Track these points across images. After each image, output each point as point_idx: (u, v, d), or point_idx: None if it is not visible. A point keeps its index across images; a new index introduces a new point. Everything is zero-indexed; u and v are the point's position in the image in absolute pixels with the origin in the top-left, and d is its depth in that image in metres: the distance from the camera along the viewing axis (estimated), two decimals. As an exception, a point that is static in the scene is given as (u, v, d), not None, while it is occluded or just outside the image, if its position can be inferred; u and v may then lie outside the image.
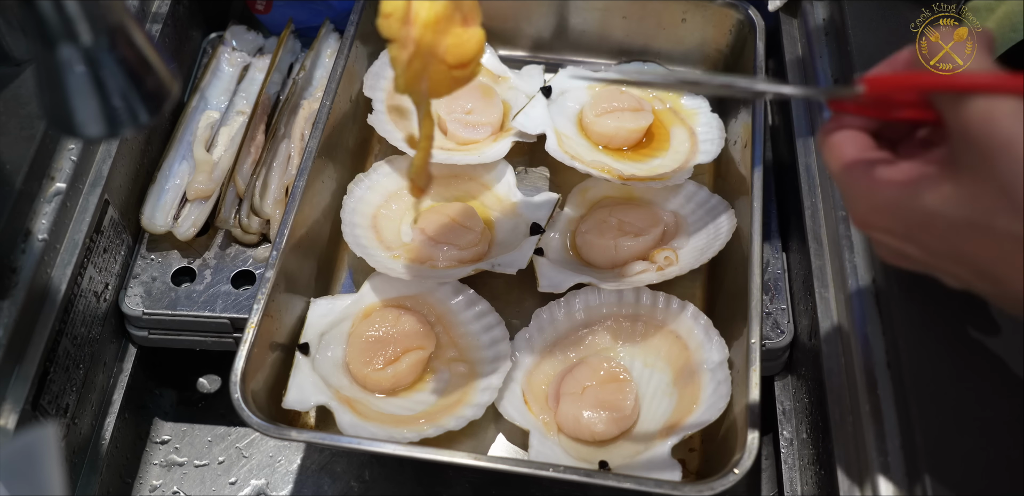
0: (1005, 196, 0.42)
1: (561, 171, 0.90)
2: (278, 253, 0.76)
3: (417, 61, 0.61)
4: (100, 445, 0.84)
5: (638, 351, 0.81)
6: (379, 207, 0.88)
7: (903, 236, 0.48)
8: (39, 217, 0.76)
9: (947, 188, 0.44)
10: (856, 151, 0.50)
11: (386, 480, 0.86)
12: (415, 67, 0.61)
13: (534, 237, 0.84)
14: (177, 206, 0.88)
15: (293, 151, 0.92)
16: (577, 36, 1.00)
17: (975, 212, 0.43)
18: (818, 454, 0.76)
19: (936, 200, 0.45)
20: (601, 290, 0.81)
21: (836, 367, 0.74)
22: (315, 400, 0.74)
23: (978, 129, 0.43)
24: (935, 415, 0.63)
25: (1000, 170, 0.42)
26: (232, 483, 0.87)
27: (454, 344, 0.81)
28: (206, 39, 1.03)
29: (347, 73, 0.88)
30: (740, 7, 0.93)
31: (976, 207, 0.43)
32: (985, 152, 0.43)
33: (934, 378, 0.64)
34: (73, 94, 0.45)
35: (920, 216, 0.46)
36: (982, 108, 0.43)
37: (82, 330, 0.80)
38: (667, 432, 0.74)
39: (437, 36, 0.61)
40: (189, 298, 0.85)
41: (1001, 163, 0.42)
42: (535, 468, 0.67)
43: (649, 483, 0.67)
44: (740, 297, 0.76)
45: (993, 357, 0.65)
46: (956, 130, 0.44)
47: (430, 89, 0.63)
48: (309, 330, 0.79)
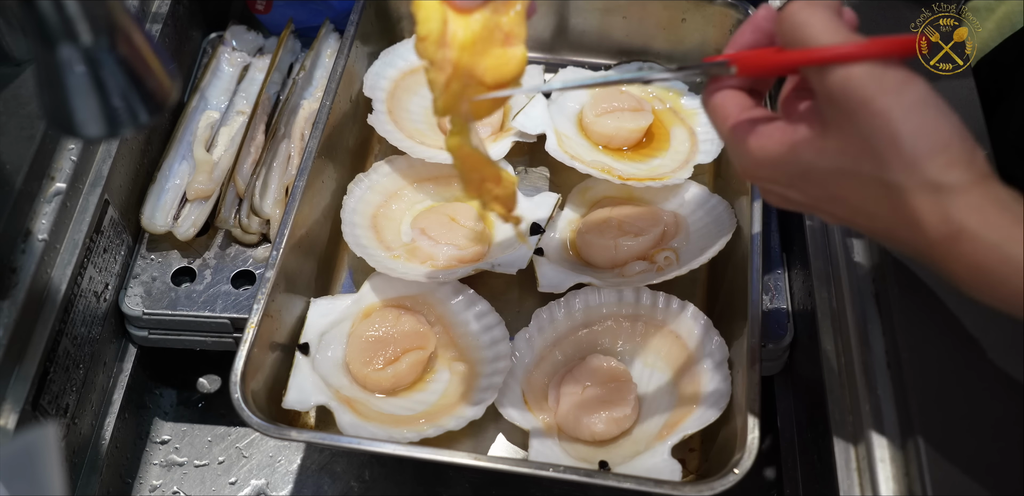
0: (867, 147, 0.50)
1: (561, 171, 0.90)
2: (278, 253, 0.76)
3: (455, 83, 0.59)
4: (100, 445, 0.84)
5: (638, 351, 0.81)
6: (379, 207, 0.88)
7: (786, 185, 0.55)
8: (39, 217, 0.76)
9: (820, 143, 0.52)
10: (738, 111, 0.56)
11: (386, 480, 0.86)
12: (453, 89, 0.59)
13: (534, 237, 0.84)
14: (177, 206, 0.88)
15: (293, 151, 0.92)
16: (577, 36, 1.00)
17: (845, 162, 0.51)
18: (818, 454, 0.76)
19: (812, 154, 0.52)
20: (601, 290, 0.81)
21: (836, 367, 0.74)
22: (315, 400, 0.74)
23: (839, 93, 0.50)
24: (935, 415, 0.63)
25: (860, 126, 0.49)
26: (232, 483, 0.87)
27: (454, 344, 0.81)
28: (206, 39, 1.03)
29: (347, 73, 0.88)
30: (740, 7, 0.93)
31: (845, 158, 0.51)
32: (847, 111, 0.50)
33: (934, 378, 0.64)
34: (73, 94, 0.45)
35: (799, 168, 0.53)
36: (840, 75, 0.50)
37: (82, 330, 0.80)
38: (667, 432, 0.74)
39: (475, 57, 0.59)
40: (189, 298, 0.85)
41: (860, 120, 0.49)
42: (535, 468, 0.67)
43: (649, 483, 0.67)
44: (740, 297, 0.76)
45: (993, 357, 0.65)
46: (822, 95, 0.51)
47: (472, 110, 0.61)
48: (309, 330, 0.79)
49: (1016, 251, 0.48)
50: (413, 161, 0.88)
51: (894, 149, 0.49)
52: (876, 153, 0.49)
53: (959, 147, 0.49)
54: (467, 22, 0.59)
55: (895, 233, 0.52)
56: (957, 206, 0.49)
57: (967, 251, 0.49)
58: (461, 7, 0.59)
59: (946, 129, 0.49)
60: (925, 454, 0.61)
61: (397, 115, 0.92)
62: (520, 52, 0.61)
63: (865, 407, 0.68)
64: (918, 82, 0.50)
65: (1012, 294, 0.49)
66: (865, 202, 0.52)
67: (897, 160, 0.49)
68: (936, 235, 0.50)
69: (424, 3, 0.59)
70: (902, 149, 0.49)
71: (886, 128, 0.49)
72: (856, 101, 0.49)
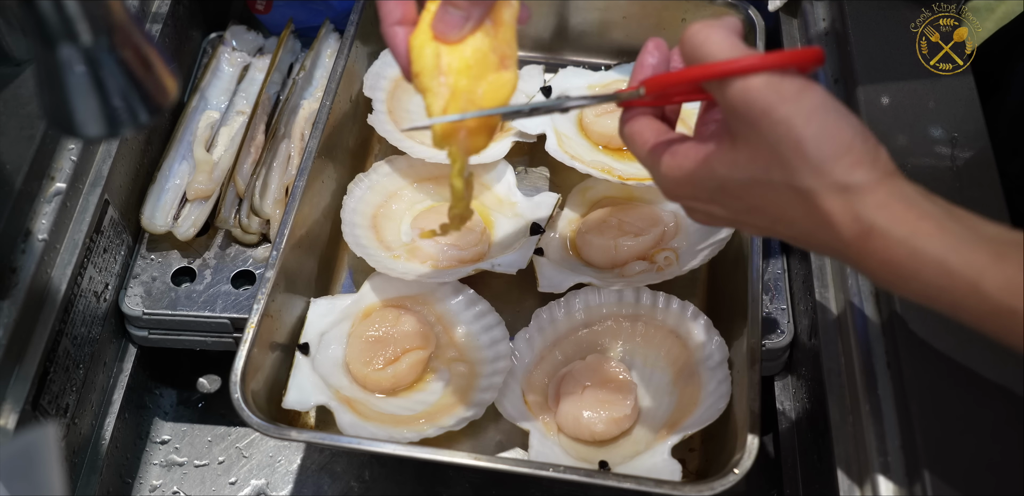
0: (775, 154, 0.51)
1: (561, 171, 0.90)
2: (278, 253, 0.76)
3: (453, 107, 0.59)
4: (100, 445, 0.84)
5: (638, 351, 0.81)
6: (379, 207, 0.88)
7: (707, 200, 0.57)
8: (39, 217, 0.76)
9: (731, 156, 0.53)
10: (654, 135, 0.58)
11: (386, 480, 0.86)
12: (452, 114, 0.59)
13: (534, 237, 0.84)
14: (177, 206, 0.88)
15: (293, 151, 0.92)
16: (577, 36, 1.00)
17: (756, 172, 0.52)
18: (818, 454, 0.76)
19: (725, 167, 0.53)
20: (601, 290, 0.81)
21: (836, 367, 0.74)
22: (315, 400, 0.74)
23: (740, 105, 0.51)
24: (935, 415, 0.63)
25: (765, 134, 0.51)
26: (232, 483, 0.87)
27: (454, 344, 0.81)
28: (206, 39, 1.03)
29: (347, 73, 0.88)
30: (740, 7, 0.93)
31: (756, 167, 0.52)
32: (750, 122, 0.51)
33: (934, 378, 0.64)
34: (73, 94, 0.45)
35: (716, 182, 0.55)
36: (739, 87, 0.51)
37: (82, 330, 0.80)
38: (667, 432, 0.74)
39: (472, 82, 0.60)
40: (189, 298, 0.85)
41: (764, 128, 0.51)
42: (535, 468, 0.67)
43: (649, 483, 0.67)
44: (740, 297, 0.76)
45: (993, 357, 0.64)
46: (726, 108, 0.53)
47: (469, 141, 0.60)
48: (309, 330, 0.79)
49: (923, 245, 0.49)
50: (413, 161, 0.88)
51: (799, 154, 0.50)
52: (784, 160, 0.51)
53: (861, 147, 0.51)
54: (459, 50, 0.60)
55: (814, 236, 0.53)
56: (865, 205, 0.50)
57: (878, 247, 0.50)
58: (449, 38, 0.60)
59: (847, 131, 0.51)
60: (925, 454, 0.61)
61: (397, 115, 0.92)
62: (513, 75, 0.62)
63: (865, 407, 0.68)
64: (815, 88, 0.51)
65: (923, 286, 0.50)
66: (782, 209, 0.53)
67: (804, 165, 0.50)
68: (849, 234, 0.51)
69: (414, 40, 0.60)
70: (807, 154, 0.50)
71: (789, 134, 0.50)
72: (757, 111, 0.51)
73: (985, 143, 0.75)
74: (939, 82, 0.79)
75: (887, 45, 0.82)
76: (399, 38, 0.62)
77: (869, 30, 0.83)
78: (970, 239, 0.49)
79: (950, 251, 0.49)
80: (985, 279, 0.48)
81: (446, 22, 0.59)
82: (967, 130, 0.76)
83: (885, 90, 0.79)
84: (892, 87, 0.78)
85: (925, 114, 0.77)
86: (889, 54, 0.81)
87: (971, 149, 0.75)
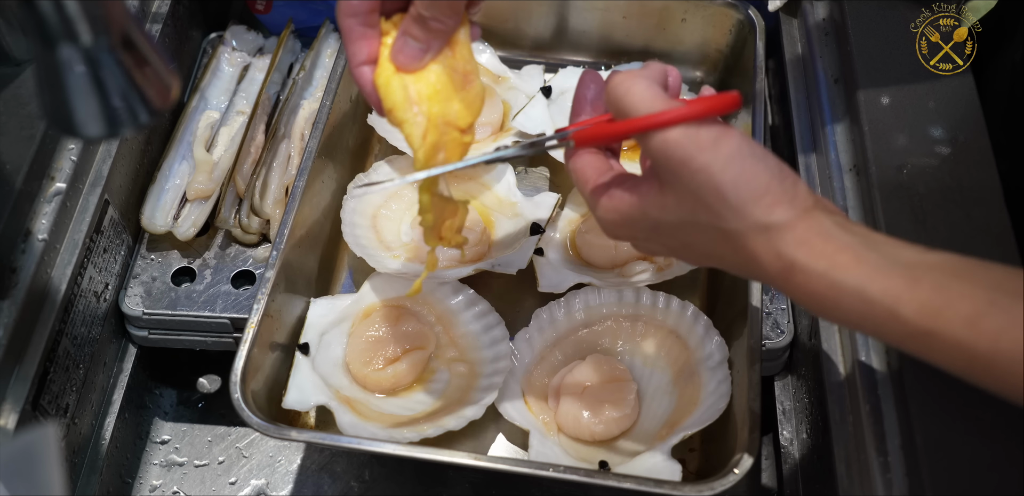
0: (699, 200, 0.54)
1: (561, 171, 0.90)
2: (278, 253, 0.76)
3: (432, 134, 0.62)
4: (100, 445, 0.84)
5: (638, 351, 0.81)
6: (379, 207, 0.88)
7: (644, 238, 0.61)
8: (39, 217, 0.76)
9: (660, 200, 0.56)
10: (596, 175, 0.61)
11: (386, 480, 0.86)
12: (431, 140, 0.62)
13: (534, 237, 0.84)
14: (177, 206, 0.88)
15: (293, 151, 0.92)
16: (577, 36, 1.00)
17: (684, 215, 0.55)
18: (818, 454, 0.76)
19: (656, 210, 0.57)
20: (601, 290, 0.81)
21: (836, 367, 0.74)
22: (315, 400, 0.74)
23: (661, 155, 0.54)
24: (935, 415, 0.63)
25: (686, 182, 0.54)
26: (232, 483, 0.87)
27: (454, 344, 0.81)
28: (206, 39, 1.03)
29: (347, 73, 0.88)
30: (740, 7, 0.93)
31: (683, 211, 0.55)
32: (672, 171, 0.54)
33: (934, 378, 0.64)
34: (73, 94, 0.45)
35: (649, 223, 0.58)
36: (659, 140, 0.54)
37: (82, 330, 0.80)
38: (667, 432, 0.74)
39: (444, 105, 0.62)
40: (189, 298, 0.85)
41: (684, 177, 0.54)
42: (535, 468, 0.67)
43: (649, 483, 0.67)
44: (740, 297, 0.76)
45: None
46: (651, 158, 0.56)
47: (447, 159, 0.63)
48: (309, 330, 0.79)
49: (841, 277, 0.52)
50: (413, 161, 0.88)
51: (720, 200, 0.53)
52: (706, 205, 0.54)
53: (778, 188, 0.53)
54: (424, 77, 0.62)
55: (745, 270, 0.57)
56: (785, 242, 0.53)
57: (801, 282, 0.53)
58: (411, 69, 0.62)
59: (764, 174, 0.53)
60: (925, 454, 0.61)
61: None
62: (479, 86, 0.64)
63: (865, 407, 0.68)
64: (731, 134, 0.54)
65: (846, 314, 0.53)
66: (712, 247, 0.56)
67: (726, 209, 0.53)
68: (773, 270, 0.54)
69: (379, 78, 0.62)
70: (727, 199, 0.53)
71: (709, 182, 0.53)
72: (676, 161, 0.53)
73: (985, 143, 0.75)
74: (939, 82, 0.79)
75: (887, 45, 0.82)
76: (366, 77, 0.64)
77: (869, 30, 0.83)
78: (886, 267, 0.51)
79: (867, 281, 0.51)
80: (902, 305, 0.50)
81: (406, 54, 0.62)
82: (967, 130, 0.76)
83: (885, 90, 0.79)
84: (892, 87, 0.78)
85: (925, 114, 0.77)
86: (889, 54, 0.81)
87: (971, 149, 0.75)
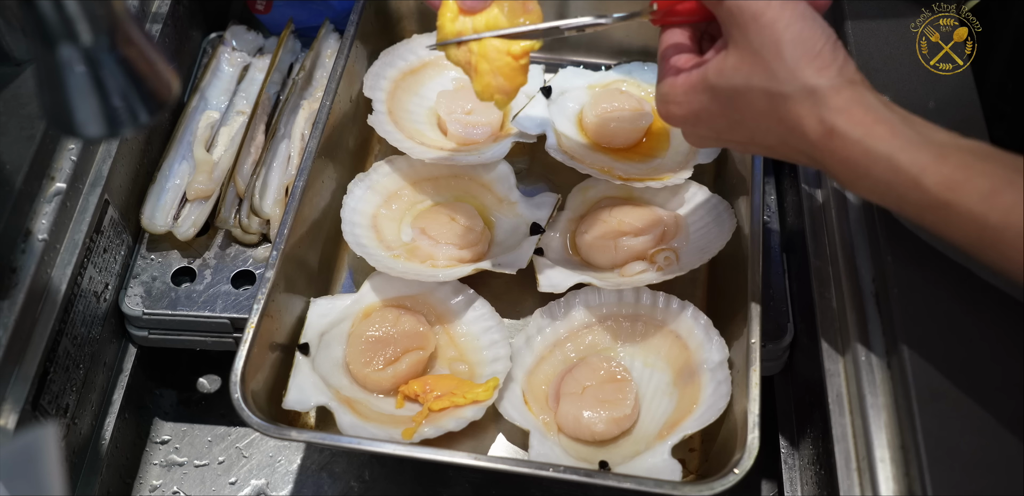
0: (758, 59, 0.56)
1: (561, 171, 0.90)
2: (278, 253, 0.76)
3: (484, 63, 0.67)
4: (100, 445, 0.84)
5: (638, 351, 0.81)
6: (379, 207, 0.88)
7: (694, 117, 0.63)
8: (39, 217, 0.76)
9: (720, 64, 0.59)
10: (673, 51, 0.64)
11: (386, 480, 0.86)
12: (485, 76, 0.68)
13: (534, 237, 0.84)
14: (177, 206, 0.88)
15: (293, 151, 0.92)
16: (577, 36, 1.00)
17: (738, 80, 0.58)
18: (818, 454, 0.76)
19: (714, 76, 0.59)
20: (601, 290, 0.81)
21: (836, 367, 0.74)
22: (315, 400, 0.74)
23: (735, 9, 0.57)
24: (935, 415, 0.63)
25: (751, 37, 0.56)
26: (232, 483, 0.87)
27: (454, 344, 0.81)
28: (206, 39, 1.03)
29: (347, 73, 0.88)
30: (740, 7, 0.92)
31: (739, 75, 0.58)
32: (742, 25, 0.57)
33: (934, 379, 0.64)
34: (73, 94, 0.45)
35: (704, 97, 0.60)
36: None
37: (82, 330, 0.80)
38: (667, 432, 0.74)
39: None
40: (189, 298, 0.85)
41: (752, 31, 0.56)
42: (535, 468, 0.67)
43: (649, 483, 0.67)
44: (740, 297, 0.76)
45: (993, 357, 0.65)
46: (723, 18, 0.58)
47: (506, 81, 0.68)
48: (309, 330, 0.79)
49: (876, 145, 0.55)
50: (413, 161, 0.88)
51: (778, 57, 0.56)
52: (764, 64, 0.56)
53: (830, 54, 0.56)
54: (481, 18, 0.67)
55: (787, 142, 0.59)
56: (828, 107, 0.56)
57: (837, 147, 0.56)
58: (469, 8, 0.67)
59: (821, 38, 0.56)
60: (925, 454, 0.61)
61: (397, 115, 0.92)
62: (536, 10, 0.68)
63: (865, 407, 0.68)
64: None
65: (874, 183, 0.56)
66: (758, 121, 0.59)
67: (781, 68, 0.56)
68: (814, 135, 0.56)
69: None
70: (784, 57, 0.56)
71: (772, 38, 0.56)
72: (748, 15, 0.56)
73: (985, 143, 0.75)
74: (939, 82, 0.79)
75: (887, 45, 0.82)
76: None
77: (869, 30, 0.83)
78: (918, 141, 0.55)
79: (898, 151, 0.54)
80: (926, 175, 0.54)
81: None
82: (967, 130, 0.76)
83: (885, 90, 0.78)
84: (892, 87, 0.78)
85: (925, 114, 0.76)
86: (889, 54, 0.81)
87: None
